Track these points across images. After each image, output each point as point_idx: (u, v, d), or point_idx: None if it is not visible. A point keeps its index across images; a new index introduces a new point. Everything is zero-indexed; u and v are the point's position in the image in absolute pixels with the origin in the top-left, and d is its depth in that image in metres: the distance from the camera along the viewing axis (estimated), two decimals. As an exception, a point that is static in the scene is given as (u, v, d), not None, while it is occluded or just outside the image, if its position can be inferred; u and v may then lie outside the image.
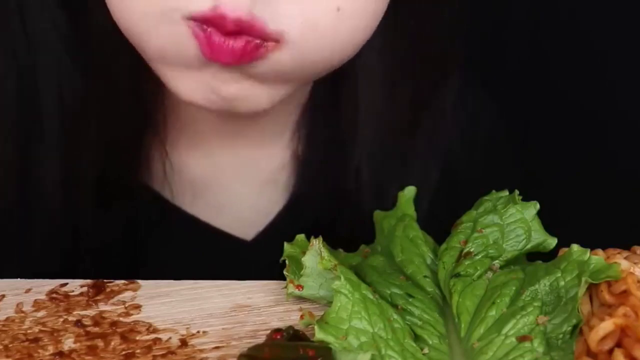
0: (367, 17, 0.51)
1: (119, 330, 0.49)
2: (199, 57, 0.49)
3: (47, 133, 0.60)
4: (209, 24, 0.47)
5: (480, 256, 0.49)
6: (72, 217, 0.62)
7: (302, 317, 0.49)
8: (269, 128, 0.65)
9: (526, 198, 0.51)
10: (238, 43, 0.47)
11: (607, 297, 0.45)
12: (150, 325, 0.50)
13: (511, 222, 0.50)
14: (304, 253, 0.50)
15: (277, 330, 0.47)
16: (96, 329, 0.49)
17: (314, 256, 0.49)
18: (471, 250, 0.50)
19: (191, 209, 0.65)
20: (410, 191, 0.55)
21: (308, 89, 0.63)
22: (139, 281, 0.53)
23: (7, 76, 0.59)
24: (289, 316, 0.50)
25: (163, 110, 0.62)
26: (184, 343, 0.48)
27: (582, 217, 0.63)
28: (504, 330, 0.45)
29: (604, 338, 0.43)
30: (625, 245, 0.49)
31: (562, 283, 0.47)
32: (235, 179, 0.66)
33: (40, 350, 0.48)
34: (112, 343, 0.48)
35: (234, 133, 0.64)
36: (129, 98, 0.60)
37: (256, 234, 0.66)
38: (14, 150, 0.61)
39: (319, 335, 0.44)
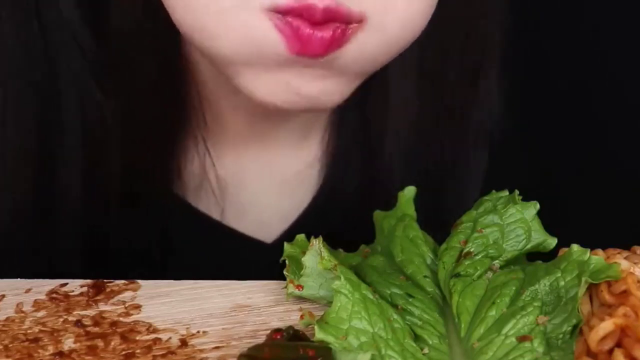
0: None
1: (119, 330, 0.49)
2: (280, 53, 0.47)
3: (70, 133, 0.60)
4: (295, 15, 0.46)
5: (480, 256, 0.49)
6: (92, 219, 0.62)
7: (302, 317, 0.49)
8: (298, 129, 0.64)
9: (526, 198, 0.51)
10: (326, 32, 0.46)
11: (607, 297, 0.45)
12: (150, 325, 0.50)
13: (511, 222, 0.50)
14: (304, 253, 0.50)
15: (277, 330, 0.47)
16: (96, 329, 0.49)
17: (314, 256, 0.49)
18: (471, 250, 0.50)
19: (216, 210, 0.65)
20: (410, 191, 0.55)
21: None
22: (139, 281, 0.53)
23: (31, 68, 0.59)
24: (289, 316, 0.50)
25: (201, 108, 0.61)
26: (184, 343, 0.48)
27: (582, 217, 0.63)
28: (504, 330, 0.45)
29: (604, 338, 0.43)
30: (625, 245, 0.49)
31: (562, 283, 0.47)
32: (260, 180, 0.65)
33: (40, 350, 0.48)
34: (112, 343, 0.48)
35: (263, 134, 0.63)
36: (160, 96, 0.58)
37: (277, 237, 0.66)
38: (36, 146, 0.60)
39: (319, 335, 0.44)
